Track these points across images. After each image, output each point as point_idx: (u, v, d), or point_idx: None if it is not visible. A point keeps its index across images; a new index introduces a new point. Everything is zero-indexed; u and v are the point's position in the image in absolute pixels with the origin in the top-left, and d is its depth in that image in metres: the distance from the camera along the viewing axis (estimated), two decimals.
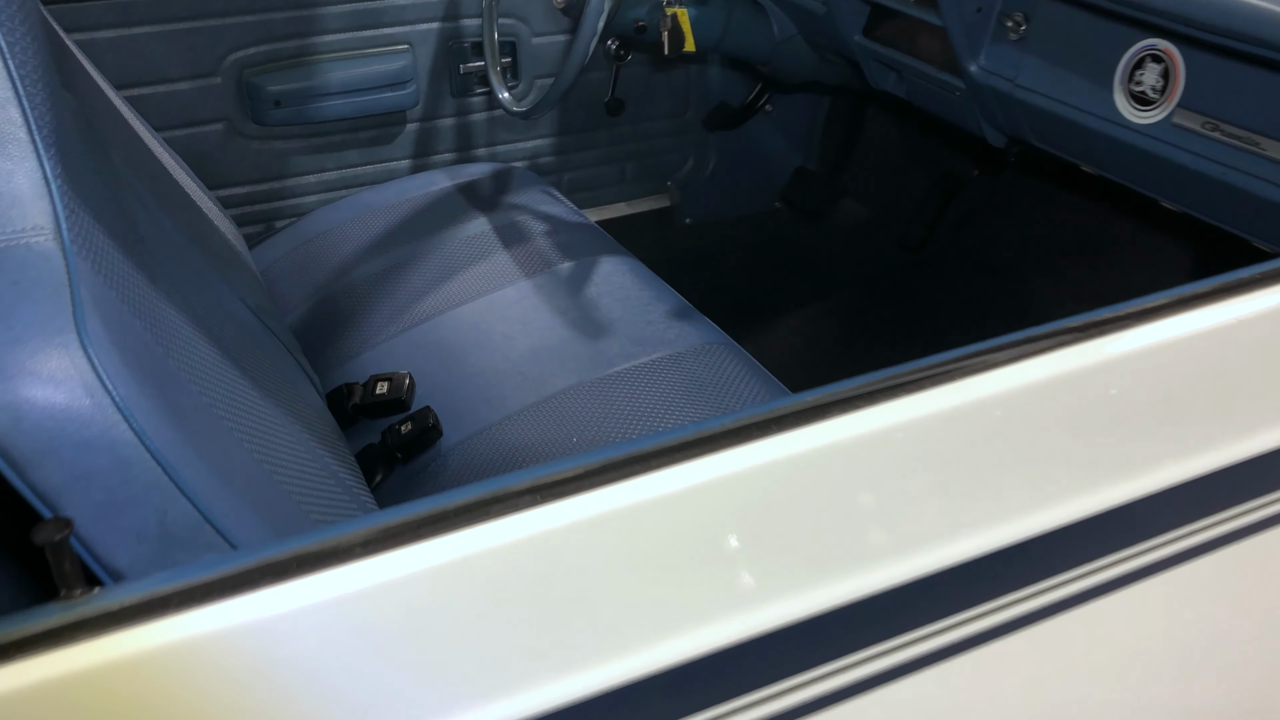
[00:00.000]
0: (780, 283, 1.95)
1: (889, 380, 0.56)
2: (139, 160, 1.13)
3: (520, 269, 1.42)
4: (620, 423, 1.13)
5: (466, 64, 1.79)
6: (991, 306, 1.63)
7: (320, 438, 0.99)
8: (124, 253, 0.69)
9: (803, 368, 1.59)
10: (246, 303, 1.16)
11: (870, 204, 2.00)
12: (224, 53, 1.61)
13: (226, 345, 0.86)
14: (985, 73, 1.22)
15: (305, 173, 1.76)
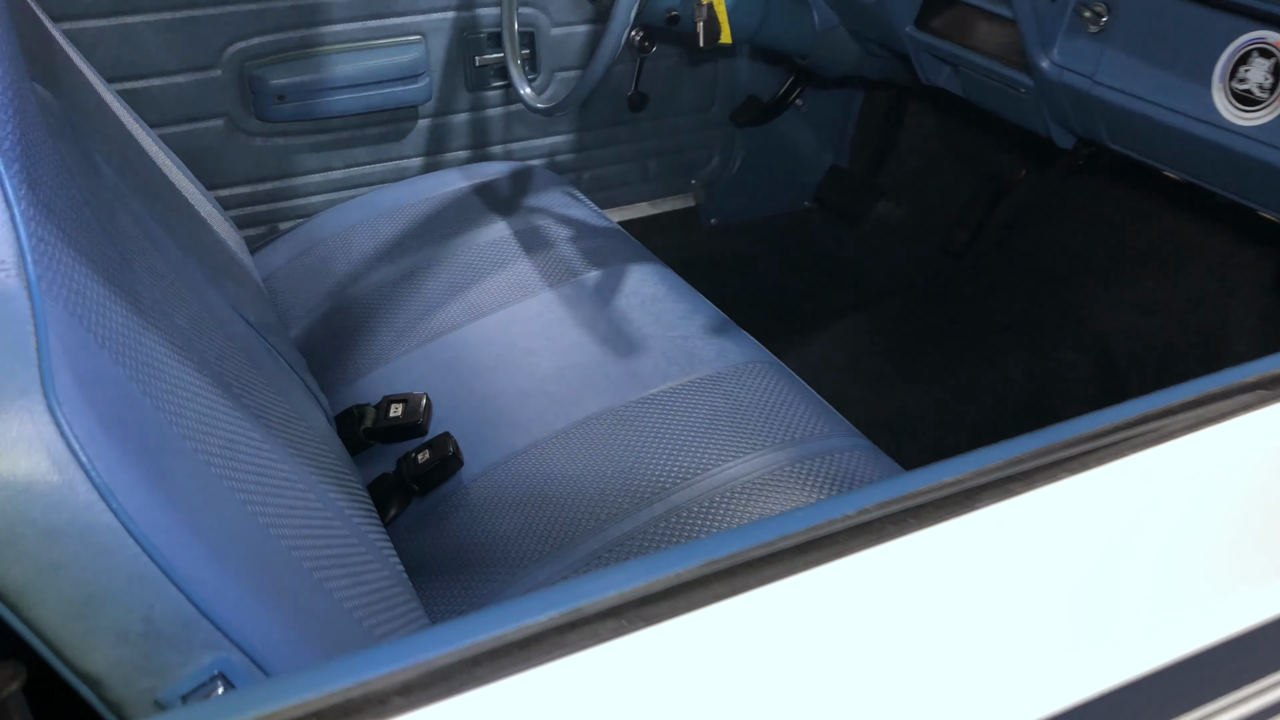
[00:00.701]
0: (814, 288, 1.85)
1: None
2: (130, 162, 1.03)
3: (543, 278, 1.32)
4: (659, 454, 1.03)
5: (483, 56, 1.69)
6: (1046, 317, 1.52)
7: (329, 473, 0.88)
8: (105, 282, 0.58)
9: (848, 383, 1.48)
10: (248, 319, 1.05)
11: (909, 205, 1.90)
12: (224, 43, 1.51)
13: (225, 378, 0.76)
14: (1058, 69, 1.11)
15: (311, 172, 1.66)
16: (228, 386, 0.74)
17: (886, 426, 1.42)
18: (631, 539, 0.95)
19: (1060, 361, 1.49)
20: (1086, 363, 1.48)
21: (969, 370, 1.47)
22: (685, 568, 0.40)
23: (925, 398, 1.45)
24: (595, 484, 1.01)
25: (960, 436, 1.44)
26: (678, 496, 0.98)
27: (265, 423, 0.79)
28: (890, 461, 1.03)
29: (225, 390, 0.72)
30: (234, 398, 0.74)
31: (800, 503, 0.96)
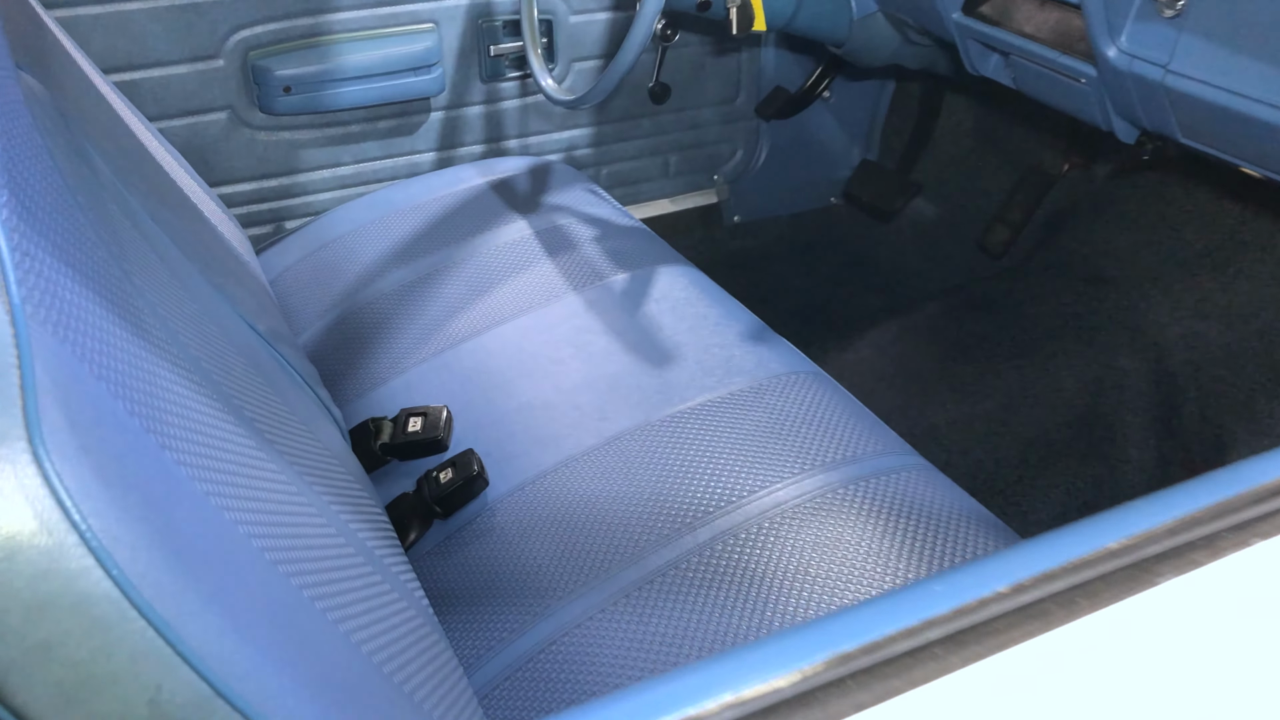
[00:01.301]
0: (845, 290, 1.77)
1: None
2: (128, 158, 0.95)
3: (567, 281, 1.24)
4: (699, 475, 0.95)
5: (498, 45, 1.61)
6: (1099, 322, 1.44)
7: (347, 499, 0.81)
8: (103, 302, 0.51)
9: (891, 393, 1.40)
10: (257, 329, 0.98)
11: (944, 202, 1.82)
12: (227, 32, 1.43)
13: (236, 401, 0.68)
14: (1127, 57, 1.04)
15: (318, 168, 1.58)
16: (239, 411, 0.66)
17: (934, 439, 1.35)
18: (674, 569, 0.87)
19: (1115, 369, 1.41)
20: (1143, 370, 1.41)
21: (1018, 379, 1.39)
22: (809, 664, 0.33)
23: (974, 409, 1.37)
24: (631, 507, 0.94)
25: (1010, 450, 1.37)
26: (722, 522, 0.91)
27: (281, 449, 0.72)
28: (949, 482, 0.96)
29: (237, 416, 0.64)
30: (247, 424, 0.66)
31: (856, 530, 0.89)
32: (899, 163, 1.88)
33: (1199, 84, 0.98)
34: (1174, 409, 1.40)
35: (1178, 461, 1.40)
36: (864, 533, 0.88)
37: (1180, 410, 1.40)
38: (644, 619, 0.84)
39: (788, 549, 0.87)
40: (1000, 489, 1.36)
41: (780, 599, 0.84)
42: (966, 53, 1.29)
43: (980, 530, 0.90)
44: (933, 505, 0.92)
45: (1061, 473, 1.38)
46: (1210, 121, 1.00)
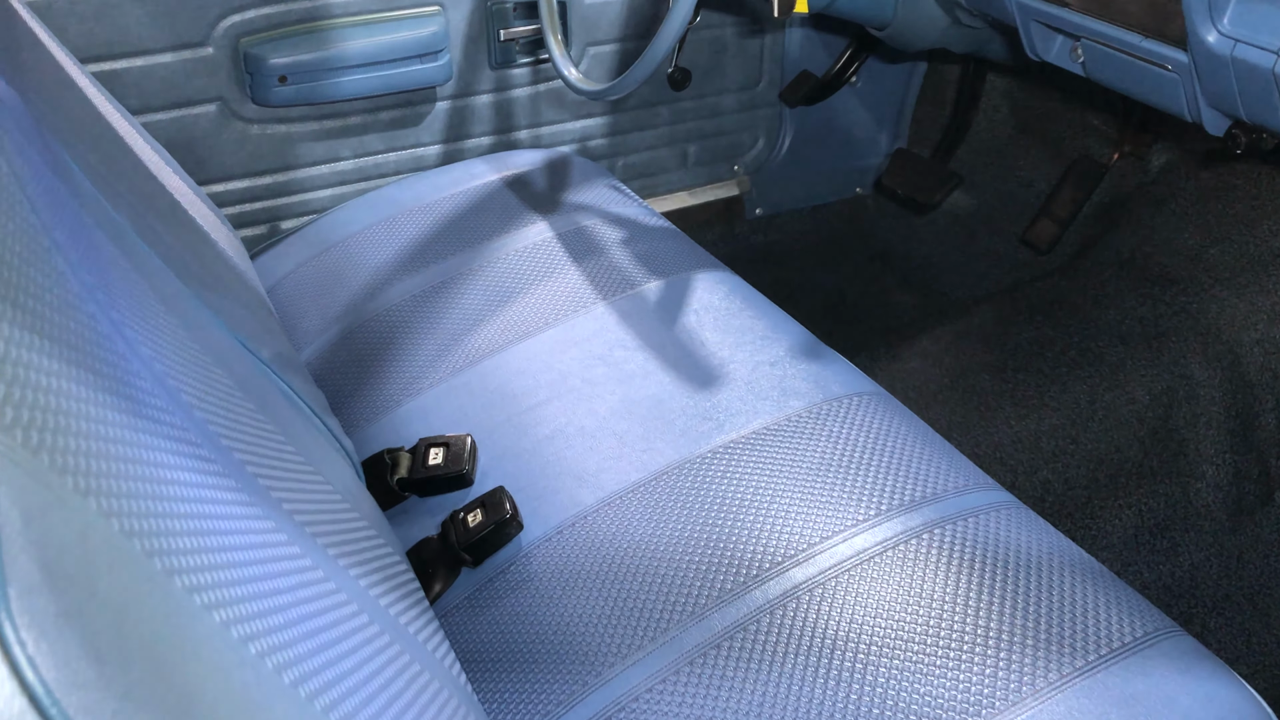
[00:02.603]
0: (882, 290, 1.66)
1: None
2: (110, 163, 0.84)
3: (596, 290, 1.13)
4: (762, 518, 0.85)
5: (508, 29, 1.49)
6: (1169, 327, 1.34)
7: (356, 550, 0.70)
8: (81, 376, 0.40)
9: (950, 408, 1.29)
10: (259, 355, 0.87)
11: (979, 192, 1.71)
12: (216, 17, 1.31)
13: (244, 460, 0.58)
14: (1230, 41, 0.93)
15: (317, 163, 1.46)
16: (238, 469, 0.56)
17: (999, 460, 1.24)
18: (742, 630, 0.77)
19: (1188, 379, 1.31)
20: (1216, 380, 1.31)
21: (1086, 390, 1.29)
22: None
23: (1039, 425, 1.27)
24: (687, 555, 0.83)
25: (1080, 469, 1.27)
26: (794, 574, 0.80)
27: (282, 500, 0.61)
28: (1041, 522, 0.86)
29: (247, 488, 0.53)
30: (244, 483, 0.55)
31: (946, 582, 0.78)
32: (935, 152, 1.77)
33: None
34: (1250, 421, 1.31)
35: (1254, 478, 1.31)
36: (955, 585, 0.78)
37: (1256, 422, 1.31)
38: (714, 691, 0.74)
39: (870, 606, 0.77)
40: (1069, 511, 1.26)
41: (868, 667, 0.73)
42: (1028, 36, 1.18)
43: (1083, 579, 0.80)
44: (1027, 550, 0.81)
45: (1133, 492, 1.28)
46: None
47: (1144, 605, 0.78)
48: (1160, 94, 1.07)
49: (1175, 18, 0.98)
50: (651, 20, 1.58)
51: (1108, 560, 1.24)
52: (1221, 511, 1.28)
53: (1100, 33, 1.07)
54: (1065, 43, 1.17)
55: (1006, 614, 0.76)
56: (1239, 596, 1.23)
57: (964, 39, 1.36)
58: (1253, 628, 1.20)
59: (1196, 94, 1.02)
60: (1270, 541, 1.28)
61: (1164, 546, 1.26)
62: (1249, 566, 1.26)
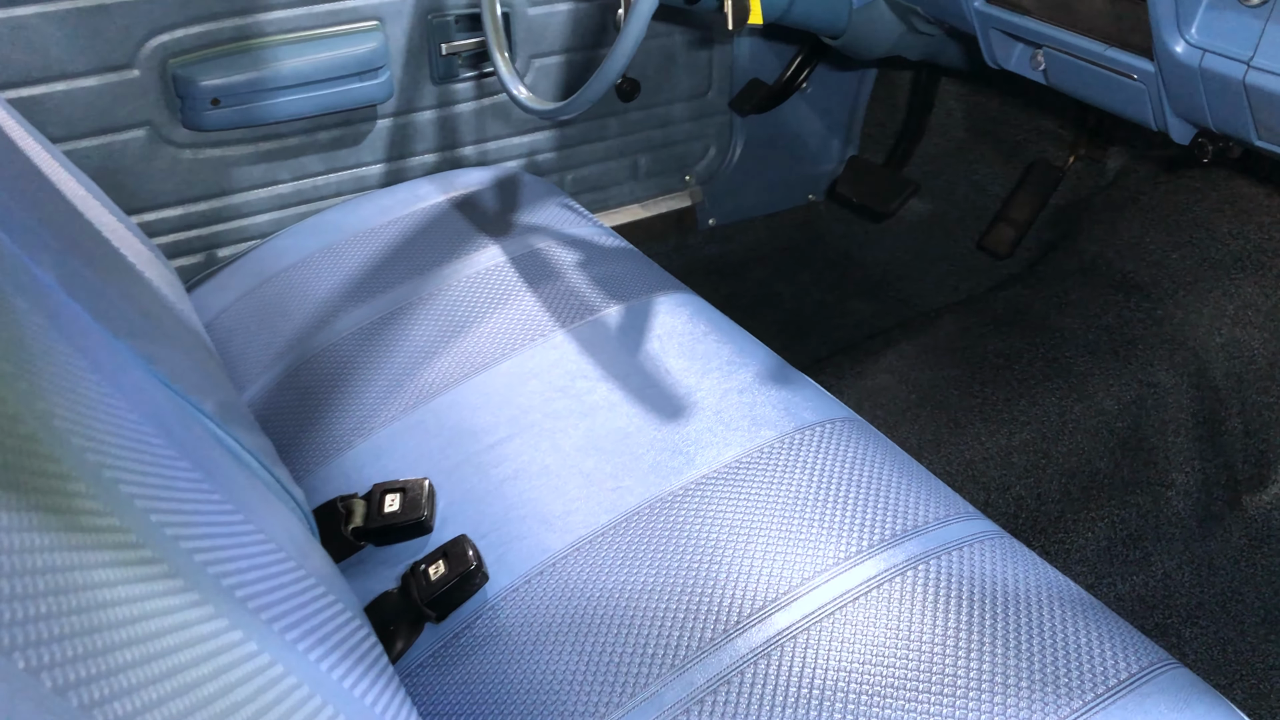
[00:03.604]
0: (840, 301, 1.63)
1: None
2: (30, 201, 0.78)
3: (554, 317, 1.09)
4: (741, 559, 0.81)
5: (450, 42, 1.44)
6: (1135, 335, 1.32)
7: (305, 619, 0.65)
8: None
9: (920, 425, 1.26)
10: (202, 408, 0.81)
11: (935, 198, 1.69)
12: (142, 37, 1.24)
13: (180, 543, 0.53)
14: (1198, 51, 0.91)
15: (253, 187, 1.40)
16: (192, 574, 0.51)
17: (972, 477, 1.22)
18: (727, 684, 0.73)
19: (1155, 386, 1.30)
20: (1183, 386, 1.30)
21: (1055, 402, 1.27)
22: None
23: (1011, 440, 1.25)
24: (665, 602, 0.79)
25: (1052, 483, 1.25)
26: (777, 619, 0.77)
27: (233, 585, 0.56)
28: (1026, 553, 0.83)
29: (192, 585, 0.48)
30: (202, 588, 0.51)
31: (934, 621, 0.75)
32: (889, 158, 1.75)
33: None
34: (1217, 426, 1.30)
35: (1222, 483, 1.30)
36: (944, 625, 0.75)
37: (1223, 427, 1.30)
38: None
39: (858, 650, 0.74)
40: (1043, 527, 1.24)
41: (860, 717, 0.70)
42: (988, 44, 1.16)
43: (1073, 613, 0.77)
44: (1015, 584, 0.79)
45: (1105, 504, 1.27)
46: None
47: (1137, 638, 0.76)
48: (1125, 103, 1.05)
49: (1140, 26, 0.96)
50: (598, 30, 1.54)
51: (1082, 574, 1.23)
52: (1192, 519, 1.27)
53: (1063, 41, 1.05)
54: (1025, 50, 1.15)
55: (999, 654, 0.73)
56: (1212, 604, 1.22)
57: (919, 46, 1.34)
58: (1228, 636, 1.19)
59: (1163, 103, 1.00)
60: (1239, 546, 1.28)
61: (1137, 557, 1.25)
62: (1220, 573, 1.26)
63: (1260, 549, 1.27)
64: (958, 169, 1.69)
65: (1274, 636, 1.18)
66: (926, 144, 1.72)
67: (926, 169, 1.73)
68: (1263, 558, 1.26)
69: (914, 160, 1.73)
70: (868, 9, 1.27)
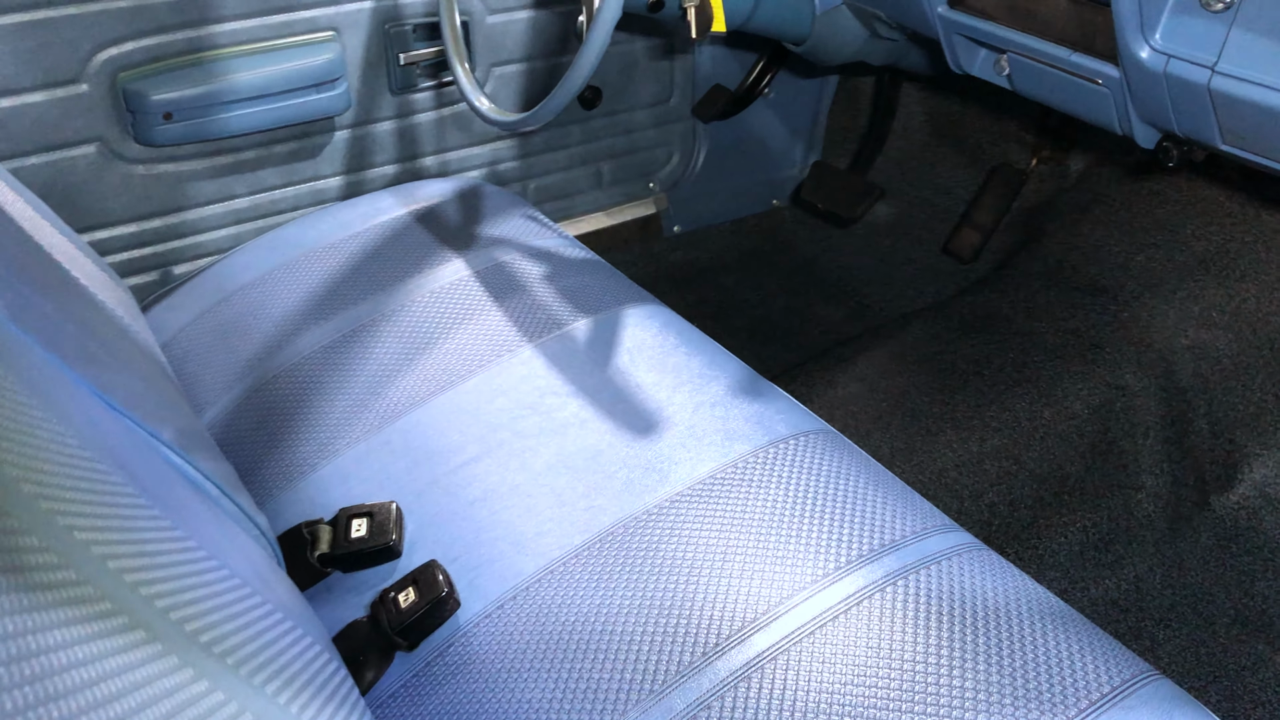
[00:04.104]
0: (804, 303, 1.63)
1: None
2: None
3: (521, 332, 1.07)
4: (717, 580, 0.80)
5: (408, 52, 1.42)
6: (1102, 338, 1.32)
7: (265, 657, 0.63)
8: None
9: (892, 433, 1.25)
10: (160, 436, 0.79)
11: (898, 201, 1.69)
12: (90, 51, 1.21)
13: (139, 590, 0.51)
14: (1163, 56, 0.91)
15: (210, 202, 1.37)
16: (156, 619, 0.48)
17: (944, 486, 1.22)
18: (707, 709, 0.72)
19: (1123, 389, 1.30)
20: (1151, 389, 1.30)
21: (1025, 408, 1.27)
22: None
23: (982, 447, 1.25)
24: (642, 626, 0.78)
25: (1025, 489, 1.25)
26: (757, 640, 0.75)
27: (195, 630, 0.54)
28: (1004, 564, 0.82)
29: (155, 635, 0.46)
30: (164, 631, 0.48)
31: (915, 638, 0.74)
32: (853, 163, 1.75)
33: (1252, 85, 0.86)
34: (1184, 428, 1.31)
35: (1191, 484, 1.30)
36: (926, 641, 0.74)
37: (1191, 428, 1.31)
38: None
39: (840, 670, 0.73)
40: (1016, 533, 1.24)
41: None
42: (951, 49, 1.15)
43: (1054, 626, 0.76)
44: (994, 597, 0.78)
45: (1076, 508, 1.27)
46: (1263, 125, 0.88)
47: (1118, 650, 0.76)
48: (1090, 108, 1.05)
49: (1104, 32, 0.96)
50: (559, 37, 1.52)
51: (1056, 580, 1.23)
52: (1162, 520, 1.28)
53: (1027, 46, 1.05)
54: (990, 56, 1.14)
55: (981, 670, 0.72)
56: (1183, 606, 1.23)
57: (882, 51, 1.34)
58: (1200, 638, 1.19)
59: (1128, 108, 1.00)
60: (1208, 547, 1.28)
61: (1109, 561, 1.25)
62: (1191, 574, 1.26)
63: (1229, 549, 1.28)
64: (921, 173, 1.69)
65: (1245, 637, 1.19)
66: (889, 148, 1.72)
67: (890, 173, 1.73)
68: (1231, 558, 1.27)
69: (877, 164, 1.73)
70: (831, 15, 1.26)
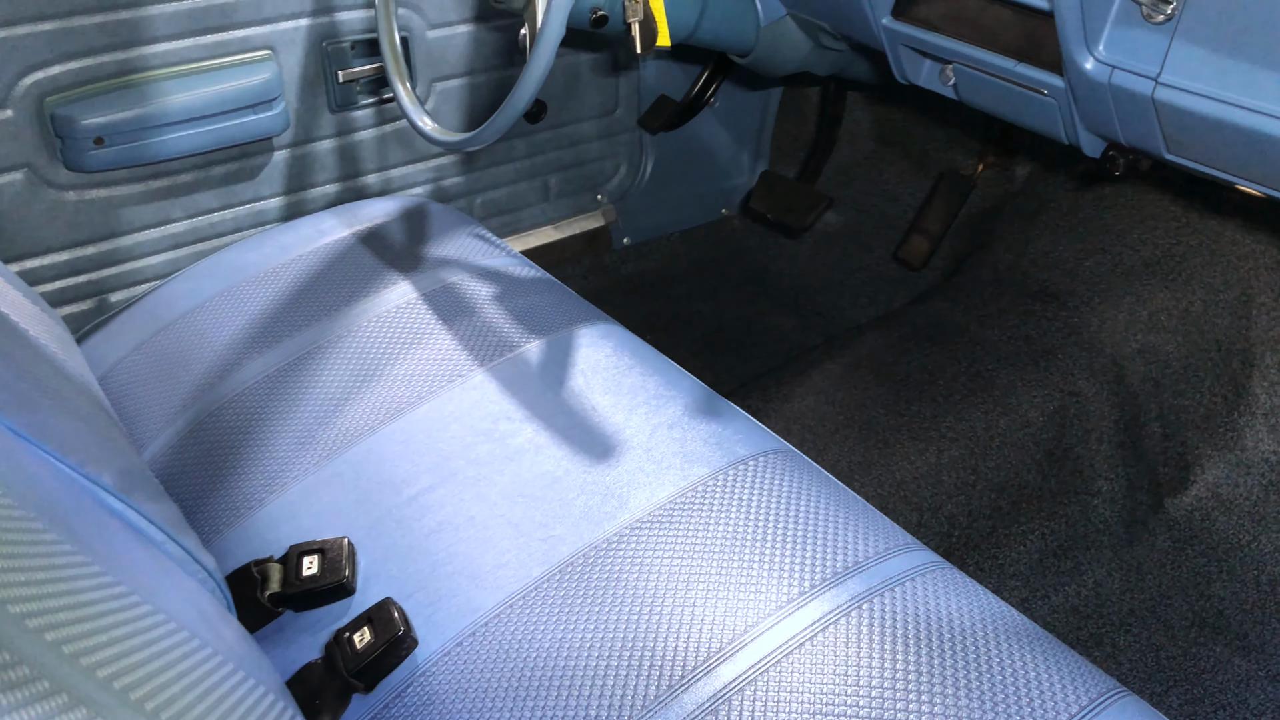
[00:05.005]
0: (756, 313, 1.62)
1: None
2: None
3: (472, 356, 1.05)
4: (681, 609, 0.78)
5: (347, 69, 1.39)
6: (1054, 344, 1.33)
7: (204, 704, 0.61)
8: None
9: (849, 448, 1.24)
10: (99, 481, 0.76)
11: (847, 208, 1.69)
12: (14, 76, 1.17)
13: (80, 660, 0.48)
14: (1107, 68, 0.91)
15: (146, 227, 1.33)
16: (80, 679, 0.46)
17: (904, 498, 1.21)
18: None
19: (1076, 395, 1.31)
20: (1103, 394, 1.31)
21: (981, 417, 1.28)
22: None
23: (940, 458, 1.25)
24: (605, 660, 0.76)
25: (983, 499, 1.25)
26: (722, 671, 0.74)
27: (128, 688, 0.51)
28: (968, 582, 0.82)
29: (72, 689, 0.44)
30: (91, 693, 0.46)
31: (881, 663, 0.74)
32: (801, 172, 1.75)
33: (1195, 96, 0.86)
34: (1137, 432, 1.32)
35: (1145, 487, 1.31)
36: (893, 665, 0.73)
37: (1143, 431, 1.32)
38: None
39: (807, 699, 0.72)
40: (976, 544, 1.24)
41: None
42: (896, 60, 1.15)
43: (1020, 645, 0.76)
44: (960, 618, 0.77)
45: (1034, 516, 1.27)
46: (1206, 136, 0.89)
47: (1085, 668, 0.75)
48: (1036, 117, 1.05)
49: (1049, 42, 0.96)
50: (502, 51, 1.50)
51: (1017, 589, 1.23)
52: (1119, 525, 1.29)
53: (972, 57, 1.05)
54: (934, 66, 1.14)
55: (949, 694, 0.72)
56: (1143, 610, 1.24)
57: (827, 62, 1.33)
58: (1159, 641, 1.20)
59: (1073, 117, 1.00)
60: (1165, 549, 1.29)
61: (1068, 568, 1.26)
62: (1149, 578, 1.27)
63: (1184, 551, 1.29)
64: (869, 179, 1.70)
65: (1203, 640, 1.20)
66: (837, 156, 1.72)
67: (838, 181, 1.73)
68: (1187, 560, 1.28)
69: (825, 173, 1.73)
70: (775, 26, 1.26)
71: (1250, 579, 1.26)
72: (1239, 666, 1.18)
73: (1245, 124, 0.84)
